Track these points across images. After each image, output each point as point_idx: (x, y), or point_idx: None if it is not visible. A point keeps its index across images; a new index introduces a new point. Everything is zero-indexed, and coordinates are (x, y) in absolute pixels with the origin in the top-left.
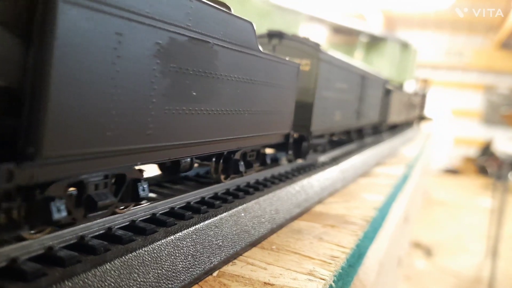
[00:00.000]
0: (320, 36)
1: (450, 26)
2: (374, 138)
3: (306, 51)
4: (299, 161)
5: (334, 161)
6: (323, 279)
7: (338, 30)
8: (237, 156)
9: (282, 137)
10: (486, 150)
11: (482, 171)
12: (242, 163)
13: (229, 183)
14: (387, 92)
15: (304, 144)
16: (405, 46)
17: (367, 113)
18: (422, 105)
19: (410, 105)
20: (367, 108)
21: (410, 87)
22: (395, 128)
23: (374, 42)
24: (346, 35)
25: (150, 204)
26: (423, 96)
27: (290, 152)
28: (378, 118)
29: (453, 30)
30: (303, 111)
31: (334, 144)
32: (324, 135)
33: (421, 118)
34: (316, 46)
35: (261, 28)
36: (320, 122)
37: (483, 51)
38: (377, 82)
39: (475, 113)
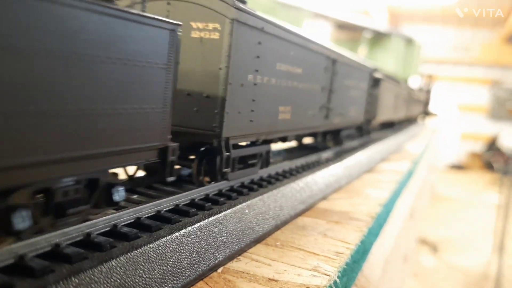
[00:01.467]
0: (324, 32)
1: (456, 21)
2: (360, 141)
3: (212, 7)
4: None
5: (339, 157)
6: (328, 275)
7: (342, 26)
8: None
9: (152, 155)
10: (492, 146)
11: (489, 166)
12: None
13: (233, 181)
14: (376, 83)
15: (218, 158)
16: (409, 41)
17: (345, 110)
18: (427, 101)
19: (411, 99)
20: (343, 103)
21: (415, 82)
22: (393, 127)
23: (378, 38)
24: (350, 31)
25: (154, 201)
26: (428, 92)
27: (171, 178)
28: (364, 116)
29: (459, 24)
30: (207, 106)
31: (294, 152)
32: (261, 140)
33: (426, 113)
34: (231, 1)
35: None
36: (244, 122)
37: (490, 46)
38: (359, 70)
39: (482, 108)
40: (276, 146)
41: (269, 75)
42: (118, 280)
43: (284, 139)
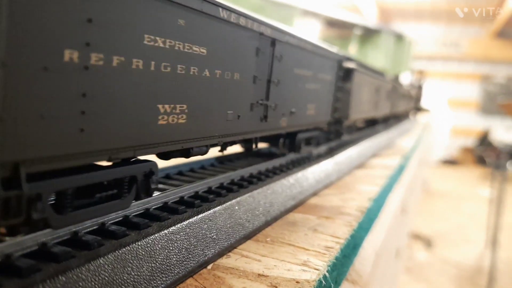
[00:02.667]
0: (314, 30)
1: (446, 16)
2: (328, 146)
3: None
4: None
5: (329, 153)
6: (317, 270)
7: (332, 23)
8: None
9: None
10: (484, 140)
11: (481, 161)
12: None
13: (223, 177)
14: (347, 74)
15: None
16: (399, 38)
17: (298, 108)
18: (418, 97)
19: (397, 94)
20: (295, 99)
21: (406, 78)
22: (373, 127)
23: (369, 35)
24: (340, 28)
25: (143, 199)
26: (419, 88)
27: None
28: (332, 115)
29: (449, 20)
30: None
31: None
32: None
33: (418, 109)
34: None
35: None
36: (61, 132)
37: (479, 41)
38: (320, 57)
39: (472, 103)
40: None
41: (125, 53)
42: (106, 278)
43: (167, 155)
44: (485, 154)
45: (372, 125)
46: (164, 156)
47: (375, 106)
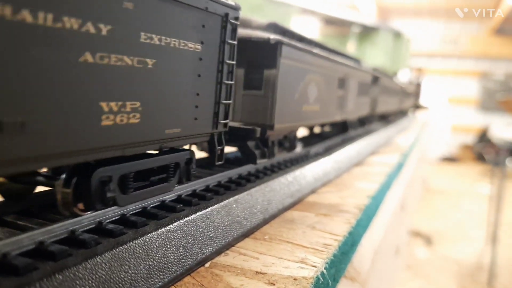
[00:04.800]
0: (312, 28)
1: (445, 13)
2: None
3: None
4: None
5: (327, 151)
6: (315, 267)
7: (331, 21)
8: None
9: None
10: (483, 137)
11: (480, 158)
12: None
13: (221, 175)
14: (266, 52)
15: None
16: (398, 35)
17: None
18: (417, 94)
19: (382, 88)
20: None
21: (404, 76)
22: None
23: (367, 32)
24: (338, 26)
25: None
26: (418, 85)
27: None
28: (215, 124)
29: (448, 17)
30: None
31: None
32: None
33: (417, 107)
34: None
35: None
36: None
37: (478, 38)
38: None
39: (472, 100)
40: None
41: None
42: (104, 276)
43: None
44: (484, 151)
45: (342, 131)
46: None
47: (339, 105)
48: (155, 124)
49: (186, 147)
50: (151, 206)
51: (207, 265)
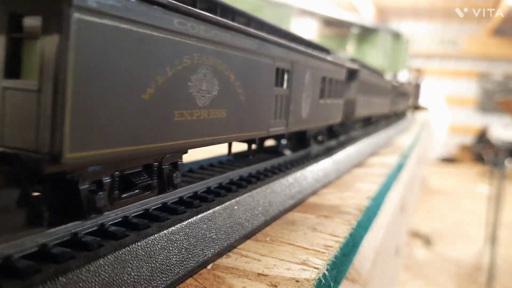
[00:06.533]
0: (311, 29)
1: (443, 14)
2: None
3: None
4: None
5: (328, 152)
6: (317, 268)
7: (329, 22)
8: None
9: None
10: (482, 138)
11: (479, 158)
12: None
13: (222, 177)
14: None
15: None
16: (397, 36)
17: None
18: (416, 95)
19: (345, 86)
20: None
21: (403, 76)
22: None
23: (366, 34)
24: (337, 27)
25: (142, 200)
26: (417, 86)
27: None
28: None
29: (446, 18)
30: None
31: None
32: None
33: (416, 108)
34: None
35: None
36: None
37: (477, 39)
38: None
39: (470, 101)
40: None
41: None
42: (106, 279)
43: None
44: (483, 151)
45: (299, 147)
46: None
47: (279, 109)
48: None
49: None
50: (152, 208)
51: (209, 267)
